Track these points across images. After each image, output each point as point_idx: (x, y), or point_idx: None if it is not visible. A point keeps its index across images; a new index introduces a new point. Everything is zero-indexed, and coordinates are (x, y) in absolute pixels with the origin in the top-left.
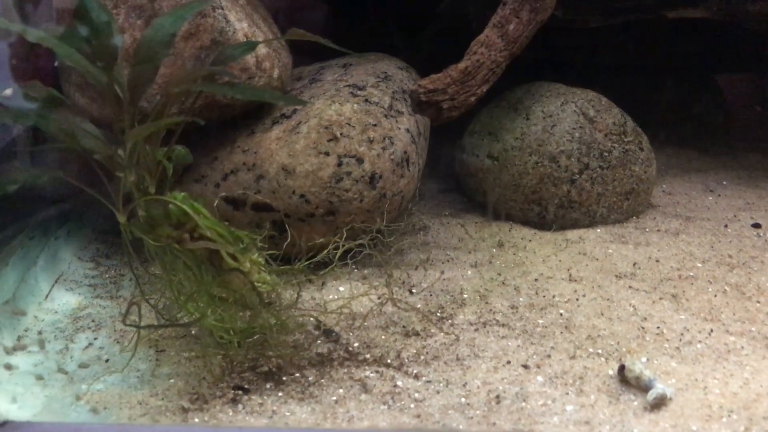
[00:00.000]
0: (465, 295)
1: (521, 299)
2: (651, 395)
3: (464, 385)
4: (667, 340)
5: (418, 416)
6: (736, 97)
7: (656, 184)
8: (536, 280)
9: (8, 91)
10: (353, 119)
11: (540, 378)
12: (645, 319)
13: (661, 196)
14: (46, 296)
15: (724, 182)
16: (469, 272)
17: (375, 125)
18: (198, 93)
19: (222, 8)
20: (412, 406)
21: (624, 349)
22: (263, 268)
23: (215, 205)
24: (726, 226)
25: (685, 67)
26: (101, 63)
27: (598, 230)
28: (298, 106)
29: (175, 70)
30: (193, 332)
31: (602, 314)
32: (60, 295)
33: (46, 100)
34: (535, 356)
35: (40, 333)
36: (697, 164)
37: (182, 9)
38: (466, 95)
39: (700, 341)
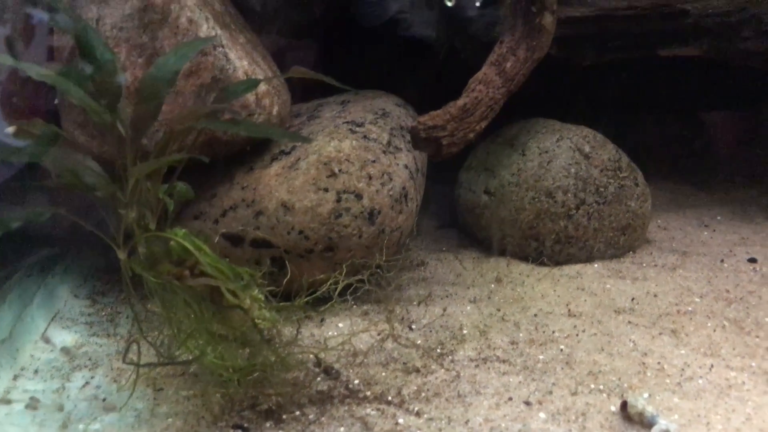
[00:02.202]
0: (465, 331)
1: (521, 335)
2: (655, 431)
3: (466, 422)
4: (669, 375)
5: None
6: (727, 134)
7: (652, 220)
8: (535, 315)
9: (10, 129)
10: (352, 155)
11: (542, 414)
12: (645, 354)
13: (656, 231)
14: (43, 334)
15: (719, 217)
16: (468, 308)
17: (374, 161)
18: (200, 130)
19: (223, 47)
20: None
21: (625, 385)
22: (263, 305)
23: (215, 242)
24: (722, 260)
25: (677, 104)
26: (105, 101)
27: (596, 265)
28: (301, 143)
29: (176, 107)
30: (191, 370)
31: (603, 350)
32: (56, 333)
33: (49, 138)
34: (536, 392)
35: (36, 372)
36: (692, 200)
37: (185, 47)
38: (465, 132)
39: (701, 376)
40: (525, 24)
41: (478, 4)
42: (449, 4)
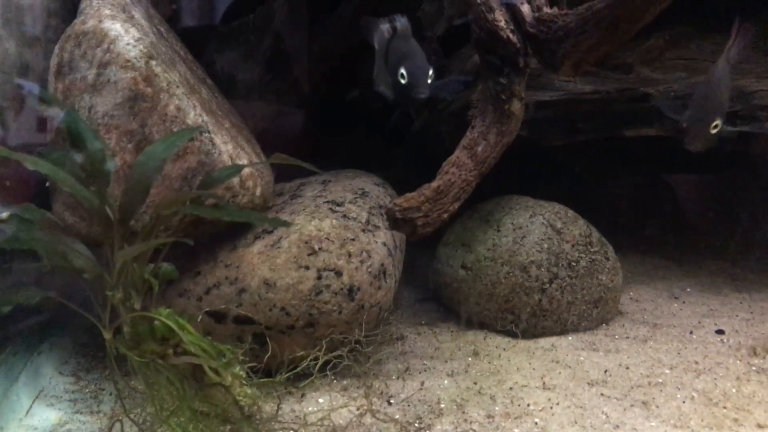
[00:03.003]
0: (442, 405)
1: (497, 408)
2: None
3: None
4: None
5: None
6: (690, 198)
7: (624, 292)
8: (511, 388)
9: (4, 215)
10: (332, 234)
11: None
12: (617, 426)
13: (628, 303)
14: (27, 412)
15: (688, 289)
16: (446, 381)
17: (353, 239)
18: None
19: (209, 132)
20: None
21: None
22: (244, 382)
23: (198, 319)
24: (691, 332)
25: (646, 167)
26: (94, 187)
27: (570, 338)
28: (282, 227)
29: (163, 190)
30: None
31: (576, 422)
32: (40, 410)
33: (41, 223)
34: None
35: None
36: (662, 272)
37: (174, 137)
38: (439, 212)
39: None
40: (495, 110)
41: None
42: (403, 81)
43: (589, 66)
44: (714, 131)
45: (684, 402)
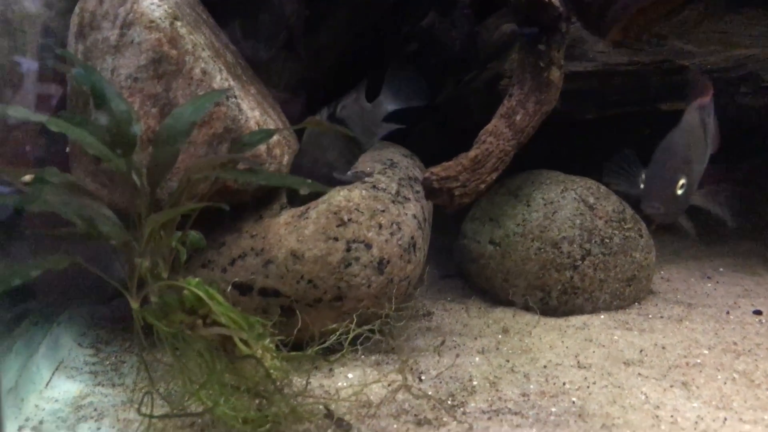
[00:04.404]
0: (475, 382)
1: (531, 386)
2: None
3: None
4: (683, 429)
5: None
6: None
7: (655, 271)
8: (545, 366)
9: (27, 177)
10: (362, 205)
11: None
12: (658, 407)
13: (660, 283)
14: (47, 384)
15: (721, 269)
16: (477, 359)
17: (383, 211)
18: (213, 180)
19: (236, 97)
20: None
21: None
22: (275, 355)
23: (228, 290)
24: (728, 312)
25: None
26: (120, 150)
27: (602, 316)
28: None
29: (188, 157)
30: (199, 421)
31: (615, 402)
32: (60, 382)
33: (64, 186)
34: None
35: (41, 422)
36: (692, 252)
37: (201, 99)
38: (477, 182)
39: (715, 430)
40: (533, 78)
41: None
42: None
43: (640, 31)
44: (680, 192)
45: (725, 383)
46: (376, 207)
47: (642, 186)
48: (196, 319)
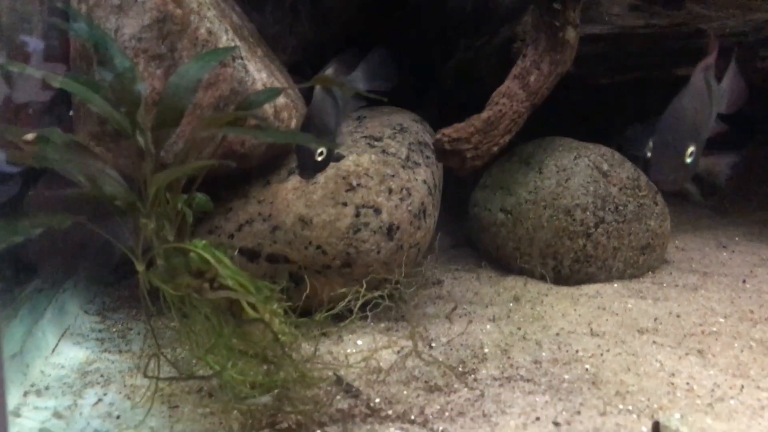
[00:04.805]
0: (486, 350)
1: (544, 354)
2: None
3: None
4: (699, 396)
5: None
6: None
7: (669, 240)
8: (557, 334)
9: (30, 136)
10: (371, 170)
11: None
12: (673, 374)
13: (674, 252)
14: (53, 350)
15: (736, 238)
16: (488, 326)
17: (393, 176)
18: (219, 142)
19: (242, 58)
20: None
21: (655, 406)
22: (283, 320)
23: (235, 253)
24: (744, 281)
25: None
26: (124, 109)
27: (615, 285)
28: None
29: (194, 119)
30: (206, 387)
31: (629, 369)
32: (66, 348)
33: (68, 146)
34: (564, 413)
35: (47, 388)
36: (707, 221)
37: (207, 56)
38: (489, 145)
39: (732, 397)
40: (548, 38)
41: None
42: None
43: None
44: (689, 160)
45: (742, 351)
46: (386, 172)
47: (649, 154)
48: (203, 282)
